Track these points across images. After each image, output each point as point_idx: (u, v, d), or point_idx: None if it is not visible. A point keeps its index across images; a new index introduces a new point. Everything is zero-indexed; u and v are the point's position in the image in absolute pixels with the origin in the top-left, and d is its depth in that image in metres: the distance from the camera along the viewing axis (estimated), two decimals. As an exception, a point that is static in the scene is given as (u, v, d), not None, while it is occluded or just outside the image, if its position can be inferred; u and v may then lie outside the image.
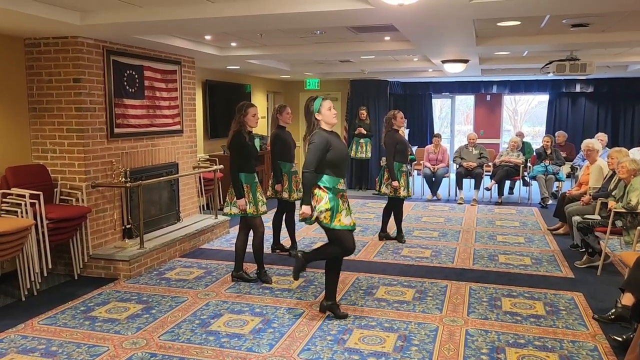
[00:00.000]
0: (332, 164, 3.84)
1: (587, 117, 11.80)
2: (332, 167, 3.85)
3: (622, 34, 5.74)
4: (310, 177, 3.80)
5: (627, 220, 5.05)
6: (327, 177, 3.84)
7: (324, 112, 3.90)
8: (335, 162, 3.86)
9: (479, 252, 6.06)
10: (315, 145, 3.80)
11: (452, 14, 4.25)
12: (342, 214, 3.85)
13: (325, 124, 3.92)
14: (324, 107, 3.90)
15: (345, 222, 3.85)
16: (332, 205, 3.81)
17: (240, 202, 4.69)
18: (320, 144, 3.80)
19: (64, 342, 3.67)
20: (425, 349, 3.55)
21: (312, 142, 3.82)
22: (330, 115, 3.92)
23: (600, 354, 3.47)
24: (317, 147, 3.79)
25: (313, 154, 3.79)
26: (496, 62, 8.34)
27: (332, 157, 3.83)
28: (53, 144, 5.15)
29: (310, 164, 3.79)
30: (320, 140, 3.81)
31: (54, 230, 4.69)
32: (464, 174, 9.29)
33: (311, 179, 3.81)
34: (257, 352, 3.50)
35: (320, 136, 3.83)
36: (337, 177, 3.87)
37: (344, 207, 3.88)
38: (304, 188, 3.85)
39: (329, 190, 3.82)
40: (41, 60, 5.09)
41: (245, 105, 4.78)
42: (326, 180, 3.84)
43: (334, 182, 3.86)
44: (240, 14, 4.21)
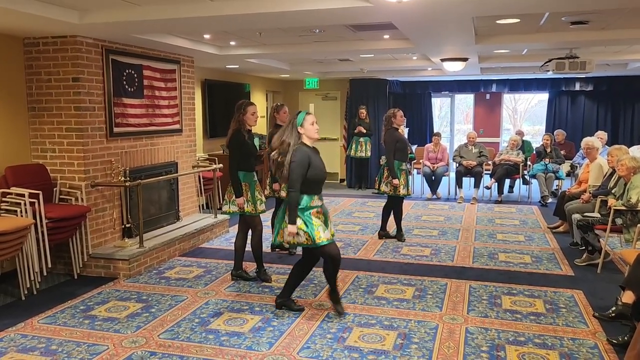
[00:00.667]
0: (308, 182, 3.80)
1: (587, 115, 11.79)
2: (309, 185, 3.82)
3: (622, 32, 5.73)
4: (296, 196, 3.77)
5: (627, 218, 5.05)
6: (303, 196, 3.81)
7: (307, 127, 3.86)
8: (313, 180, 3.82)
9: (479, 250, 6.06)
10: (296, 164, 3.75)
11: (451, 12, 4.24)
12: (320, 231, 3.81)
13: (307, 138, 3.89)
14: (307, 122, 3.86)
15: (324, 237, 3.81)
16: (307, 224, 3.79)
17: (239, 201, 4.69)
18: (302, 161, 3.76)
19: (64, 341, 3.67)
20: (425, 347, 3.55)
21: (294, 161, 3.76)
22: (313, 130, 3.89)
23: (600, 352, 3.47)
24: (299, 164, 3.75)
25: (297, 173, 3.75)
26: (495, 61, 8.33)
27: (310, 176, 3.80)
28: (52, 143, 5.15)
29: (295, 182, 3.75)
30: (301, 157, 3.76)
31: (54, 230, 4.69)
32: (463, 173, 9.29)
33: (296, 198, 3.77)
34: (257, 351, 3.50)
35: (301, 153, 3.78)
36: (311, 195, 3.84)
37: (318, 222, 3.84)
38: (290, 207, 3.78)
39: (300, 212, 3.79)
40: (40, 60, 5.08)
41: (244, 104, 4.78)
42: (302, 199, 3.81)
43: (307, 202, 3.82)
44: (239, 13, 4.21)
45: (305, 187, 3.80)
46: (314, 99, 12.07)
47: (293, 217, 3.78)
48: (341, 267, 5.29)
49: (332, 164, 12.02)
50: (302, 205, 3.81)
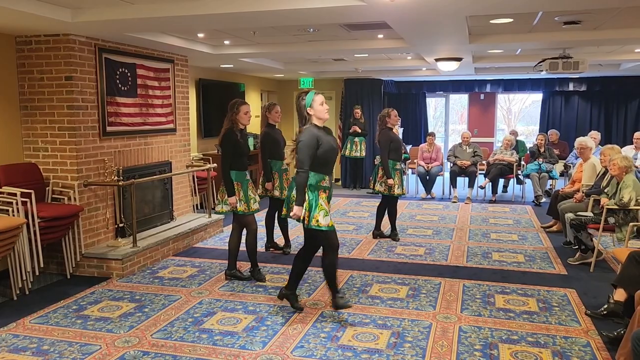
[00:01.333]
0: (319, 162, 3.77)
1: (580, 115, 11.85)
2: (319, 165, 3.78)
3: (614, 32, 5.76)
4: (304, 176, 3.72)
5: (619, 217, 5.07)
6: (312, 174, 3.77)
7: (316, 107, 3.82)
8: (323, 160, 3.79)
9: (473, 249, 6.07)
10: (303, 142, 3.72)
11: (445, 11, 4.25)
12: (320, 214, 3.75)
13: (317, 119, 3.85)
14: (316, 102, 3.82)
15: (322, 222, 3.76)
16: (311, 203, 3.75)
17: (231, 200, 4.69)
18: (309, 141, 3.72)
19: (56, 340, 3.65)
20: (419, 346, 3.55)
21: (301, 140, 3.74)
22: (323, 111, 3.84)
23: (592, 350, 3.48)
24: (306, 144, 3.72)
25: (304, 152, 3.71)
26: (489, 61, 8.35)
27: (321, 155, 3.76)
28: (45, 142, 5.12)
29: (303, 162, 3.71)
30: (309, 137, 3.73)
31: (46, 229, 4.66)
32: (458, 173, 9.31)
33: (305, 178, 3.73)
34: (251, 350, 3.49)
35: (309, 133, 3.75)
36: (321, 174, 3.81)
37: (323, 207, 3.78)
38: (298, 188, 3.74)
39: (309, 188, 3.76)
40: (32, 58, 5.06)
41: (237, 103, 4.77)
42: (311, 176, 3.77)
43: (317, 179, 3.79)
44: (233, 11, 4.20)
45: (315, 167, 3.76)
46: (308, 98, 12.04)
47: (300, 198, 3.73)
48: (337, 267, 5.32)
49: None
50: (312, 182, 3.76)
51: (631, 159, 5.23)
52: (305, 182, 3.73)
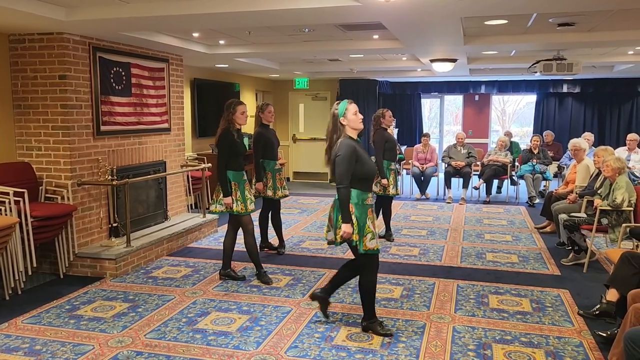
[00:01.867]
0: (359, 177, 3.52)
1: (574, 117, 11.92)
2: (360, 180, 3.53)
3: (608, 34, 5.79)
4: (346, 192, 3.46)
5: (612, 218, 5.10)
6: (355, 192, 3.51)
7: (350, 117, 3.57)
8: (363, 175, 3.55)
9: (467, 250, 6.09)
10: (342, 157, 3.46)
11: (440, 12, 4.26)
12: (367, 237, 3.53)
13: (351, 130, 3.59)
14: (349, 112, 3.57)
15: (369, 246, 3.54)
16: (360, 224, 3.51)
17: (226, 200, 4.68)
18: (348, 154, 3.46)
19: (48, 340, 3.63)
20: (413, 346, 3.55)
21: (339, 155, 3.47)
22: (357, 120, 3.59)
23: (585, 350, 3.50)
24: (345, 158, 3.46)
25: (344, 167, 3.45)
26: (484, 62, 8.38)
27: (361, 169, 3.51)
28: (38, 141, 5.09)
29: (343, 177, 3.45)
30: (348, 151, 3.47)
31: (39, 229, 4.64)
32: (452, 173, 9.33)
33: (347, 194, 3.47)
34: (244, 350, 3.48)
35: (347, 146, 3.49)
36: (364, 191, 3.56)
37: (371, 229, 3.55)
38: (342, 205, 3.47)
39: (356, 207, 3.51)
40: (26, 57, 5.03)
41: (234, 103, 4.76)
42: (354, 195, 3.51)
43: (361, 197, 3.54)
44: (228, 10, 4.19)
45: (355, 183, 3.51)
46: (303, 99, 12.07)
47: (347, 215, 3.46)
48: (330, 267, 5.34)
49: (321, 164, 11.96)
50: (356, 201, 3.52)
51: (624, 160, 5.27)
52: (348, 198, 3.48)
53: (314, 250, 6.03)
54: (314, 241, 6.47)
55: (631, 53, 7.65)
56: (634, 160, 7.96)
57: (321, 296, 3.95)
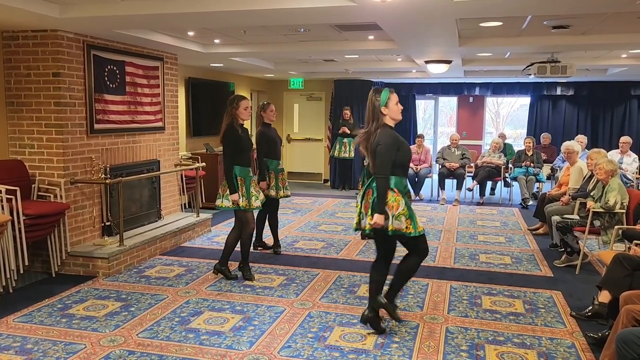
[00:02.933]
0: (400, 164, 3.51)
1: (568, 119, 11.98)
2: (400, 168, 3.51)
3: (601, 37, 5.83)
4: (385, 182, 3.43)
5: (604, 220, 5.13)
6: (396, 179, 3.49)
7: (391, 107, 3.54)
8: (404, 162, 3.55)
9: (460, 251, 6.10)
10: (385, 145, 3.44)
11: (435, 13, 4.27)
12: (418, 221, 3.54)
13: (390, 119, 3.56)
14: (391, 101, 3.54)
15: (421, 227, 3.57)
16: (409, 210, 3.48)
17: (233, 196, 4.67)
18: (392, 143, 3.45)
19: (40, 339, 3.60)
20: (406, 346, 3.56)
21: (381, 143, 3.44)
22: (398, 111, 3.57)
23: (577, 351, 3.52)
24: (389, 147, 3.44)
25: (387, 156, 3.42)
26: (479, 64, 8.40)
27: (401, 157, 3.51)
28: (31, 139, 5.06)
29: (385, 167, 3.43)
30: (391, 140, 3.46)
31: (31, 227, 4.61)
32: (446, 175, 9.35)
33: (387, 184, 3.44)
34: (237, 350, 3.48)
35: (389, 135, 3.48)
36: (403, 177, 3.55)
37: (414, 212, 3.54)
38: (379, 194, 3.42)
39: (401, 193, 3.48)
40: (19, 54, 5.00)
41: (237, 98, 4.76)
42: (395, 182, 3.48)
43: (402, 184, 3.52)
44: (223, 9, 4.18)
45: (396, 170, 3.49)
46: (298, 99, 12.07)
47: (382, 206, 3.42)
48: (324, 267, 5.34)
49: (316, 164, 12.03)
50: (400, 188, 3.49)
51: (617, 163, 5.30)
52: (387, 188, 3.44)
53: (308, 250, 6.02)
54: (308, 241, 6.47)
55: (624, 56, 7.70)
56: (627, 162, 8.01)
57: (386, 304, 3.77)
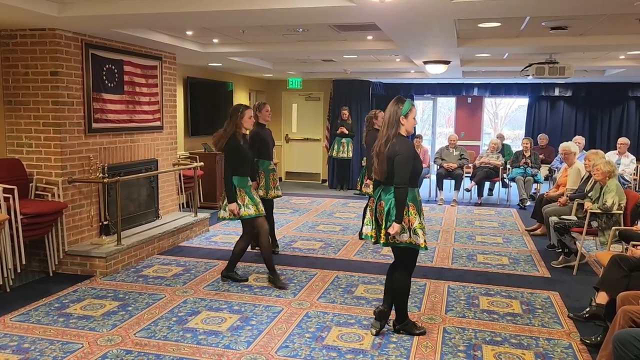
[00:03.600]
0: (415, 175, 3.54)
1: (566, 120, 11.99)
2: (414, 178, 3.54)
3: (600, 38, 5.83)
4: (405, 192, 3.44)
5: (602, 221, 5.13)
6: (412, 190, 3.53)
7: (410, 119, 3.56)
8: (417, 173, 3.58)
9: (458, 251, 6.11)
10: (405, 155, 3.44)
11: (434, 13, 4.27)
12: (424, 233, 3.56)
13: (405, 130, 3.58)
14: (412, 114, 3.56)
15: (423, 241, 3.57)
16: (422, 222, 3.55)
17: (231, 206, 4.62)
18: (410, 154, 3.46)
19: (37, 339, 3.60)
20: (403, 346, 3.56)
21: (401, 153, 3.43)
22: (413, 124, 3.61)
23: (574, 352, 3.52)
24: (408, 157, 3.45)
25: (406, 167, 3.43)
26: (477, 64, 8.41)
27: (416, 168, 3.53)
28: (29, 137, 5.05)
29: (405, 177, 3.43)
30: (409, 150, 3.47)
31: (29, 226, 4.60)
32: (444, 175, 9.36)
33: (406, 195, 3.45)
34: (235, 350, 3.47)
35: (407, 145, 3.50)
36: (417, 188, 3.62)
37: (423, 225, 3.58)
38: (399, 204, 3.43)
39: (416, 206, 3.54)
40: (17, 53, 4.99)
41: (242, 107, 4.71)
42: (411, 194, 3.51)
43: (414, 195, 3.56)
44: (222, 9, 4.18)
45: (412, 181, 3.52)
46: (297, 99, 12.06)
47: (401, 215, 3.44)
48: (321, 268, 5.34)
49: (314, 164, 12.03)
50: (414, 201, 3.52)
51: (614, 164, 5.31)
52: (406, 198, 3.46)
53: (306, 250, 6.03)
54: (306, 241, 6.47)
55: (622, 57, 7.71)
56: (624, 164, 8.03)
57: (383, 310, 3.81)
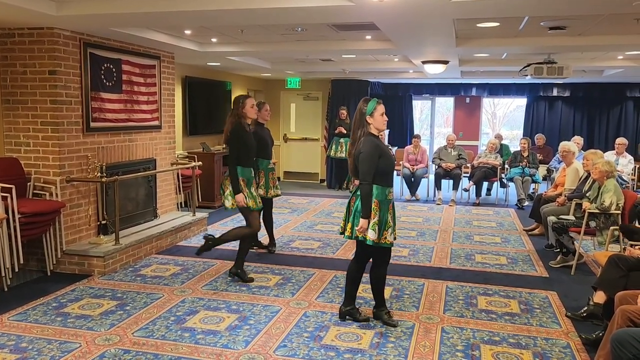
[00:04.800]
0: (381, 173, 3.65)
1: (564, 120, 12.01)
2: (382, 176, 3.65)
3: (598, 38, 5.84)
4: (369, 188, 3.59)
5: (600, 221, 5.14)
6: (376, 188, 3.64)
7: (376, 117, 3.69)
8: (385, 170, 3.67)
9: (456, 251, 6.11)
10: (366, 153, 3.59)
11: (432, 13, 4.28)
12: (388, 232, 3.68)
13: (374, 128, 3.72)
14: (377, 112, 3.69)
15: (389, 239, 3.70)
16: (381, 220, 3.65)
17: (238, 197, 4.62)
18: (372, 151, 3.60)
19: (35, 338, 3.59)
20: (401, 346, 3.56)
21: (362, 151, 3.59)
22: (382, 122, 3.72)
23: (572, 351, 3.53)
24: (369, 155, 3.59)
25: (367, 164, 3.58)
26: (476, 64, 8.42)
27: (383, 165, 3.64)
28: (27, 136, 5.04)
29: (367, 174, 3.58)
30: (371, 148, 3.60)
31: (27, 225, 4.59)
32: (442, 175, 9.36)
33: (370, 190, 3.60)
34: (233, 349, 3.47)
35: (370, 143, 3.62)
36: (385, 187, 3.68)
37: (391, 223, 3.71)
38: (364, 201, 3.59)
39: (381, 203, 3.64)
40: (15, 51, 4.98)
41: (242, 97, 4.77)
42: (378, 191, 3.63)
43: (384, 192, 3.67)
44: (221, 8, 4.17)
45: (377, 179, 3.63)
46: (295, 98, 12.06)
47: (367, 211, 3.59)
48: (320, 267, 5.34)
49: (312, 164, 12.03)
50: (381, 198, 3.64)
51: (614, 164, 5.31)
52: (370, 194, 3.61)
53: (304, 250, 6.02)
54: (304, 241, 6.47)
55: (620, 58, 7.72)
56: (622, 164, 8.05)
57: (348, 310, 3.99)
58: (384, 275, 3.93)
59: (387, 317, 3.93)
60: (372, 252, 3.81)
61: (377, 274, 3.90)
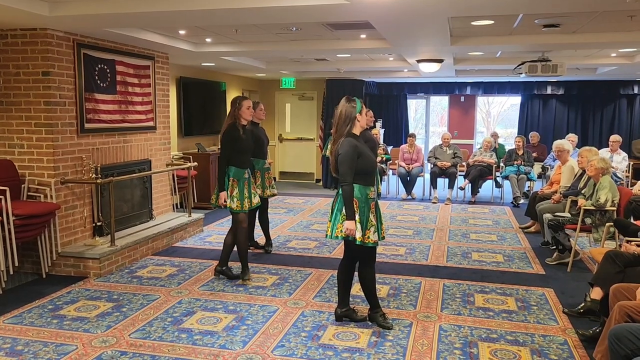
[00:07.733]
0: (361, 172, 3.64)
1: (558, 118, 12.07)
2: (362, 176, 3.65)
3: (592, 35, 5.87)
4: (350, 189, 3.58)
5: (596, 218, 5.16)
6: (358, 187, 3.63)
7: (364, 116, 3.77)
8: (365, 170, 3.67)
9: (453, 249, 6.12)
10: (344, 155, 3.59)
11: (427, 11, 4.28)
12: (370, 231, 3.66)
13: (359, 127, 3.75)
14: (363, 110, 3.77)
15: (372, 239, 3.67)
16: (362, 219, 3.63)
17: (221, 195, 4.68)
18: (350, 152, 3.59)
19: (30, 341, 3.57)
20: (399, 345, 3.56)
21: (340, 153, 3.60)
22: (367, 119, 3.79)
23: (570, 348, 3.53)
24: (347, 156, 3.58)
25: (346, 165, 3.58)
26: (470, 63, 8.43)
27: (362, 165, 3.64)
28: (21, 138, 5.00)
29: (346, 175, 3.58)
30: (349, 149, 3.59)
31: (21, 227, 4.56)
32: (438, 174, 9.38)
33: (351, 191, 3.59)
34: (231, 349, 3.46)
35: (349, 144, 3.61)
36: (367, 186, 3.68)
37: (373, 222, 3.69)
38: (346, 202, 3.59)
39: (360, 202, 3.63)
40: (8, 53, 4.94)
41: (239, 99, 4.78)
42: (357, 191, 3.63)
43: (364, 192, 3.66)
44: (215, 7, 4.16)
45: (358, 179, 3.63)
46: (290, 98, 12.05)
47: (350, 212, 3.58)
48: (317, 267, 5.33)
49: (308, 164, 12.02)
50: (361, 196, 3.64)
51: (609, 161, 5.34)
52: (352, 195, 3.60)
53: (301, 250, 6.01)
54: (301, 241, 6.46)
55: (614, 55, 7.76)
56: (616, 161, 8.08)
57: (342, 313, 3.96)
58: (373, 275, 3.87)
59: (382, 320, 3.87)
60: (357, 252, 3.77)
61: (364, 273, 3.84)
